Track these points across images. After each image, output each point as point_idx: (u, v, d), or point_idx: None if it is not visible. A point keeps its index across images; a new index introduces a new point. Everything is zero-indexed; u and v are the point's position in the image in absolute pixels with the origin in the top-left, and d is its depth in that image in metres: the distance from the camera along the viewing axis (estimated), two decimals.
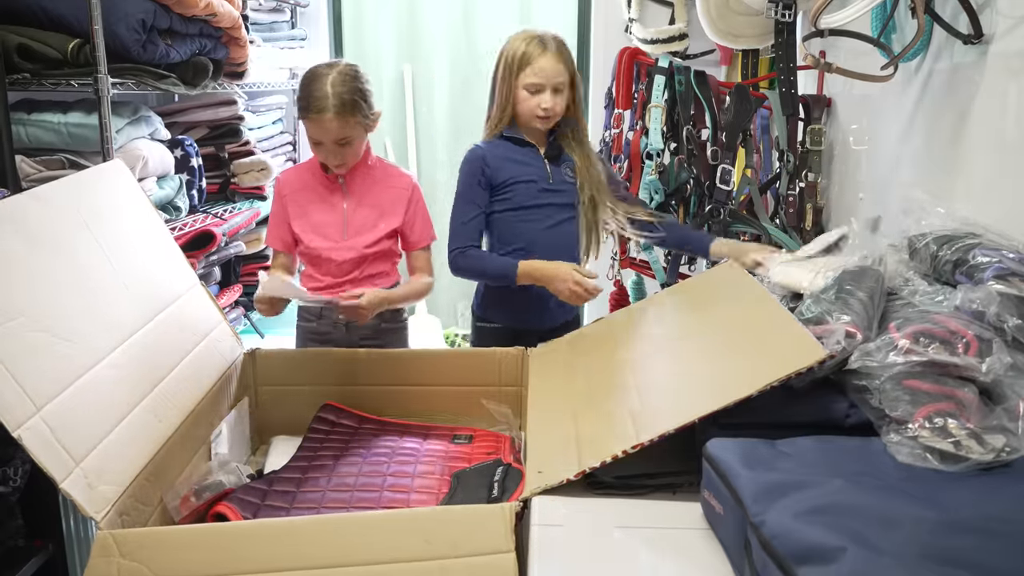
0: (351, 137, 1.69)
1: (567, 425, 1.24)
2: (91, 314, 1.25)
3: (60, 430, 1.08)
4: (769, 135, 2.15)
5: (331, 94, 1.63)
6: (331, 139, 1.67)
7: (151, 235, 1.55)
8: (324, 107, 1.63)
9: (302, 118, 1.70)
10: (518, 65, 1.73)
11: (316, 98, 1.64)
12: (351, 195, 1.78)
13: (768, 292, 1.30)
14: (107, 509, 1.09)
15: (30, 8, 1.79)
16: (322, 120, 1.64)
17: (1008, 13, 1.25)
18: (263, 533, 1.06)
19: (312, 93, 1.65)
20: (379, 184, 1.80)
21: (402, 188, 1.81)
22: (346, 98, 1.64)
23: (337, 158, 1.72)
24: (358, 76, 1.69)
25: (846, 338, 1.05)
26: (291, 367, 1.65)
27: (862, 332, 1.05)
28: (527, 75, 1.72)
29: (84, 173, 1.47)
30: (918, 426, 0.93)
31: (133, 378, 1.29)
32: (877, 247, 1.27)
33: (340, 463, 1.44)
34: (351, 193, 1.78)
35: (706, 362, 1.23)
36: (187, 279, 1.59)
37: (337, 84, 1.64)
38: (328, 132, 1.66)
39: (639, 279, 2.40)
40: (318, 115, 1.64)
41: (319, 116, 1.64)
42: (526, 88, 1.73)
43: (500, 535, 1.00)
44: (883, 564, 0.72)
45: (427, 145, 3.55)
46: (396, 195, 1.80)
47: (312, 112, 1.65)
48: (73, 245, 1.29)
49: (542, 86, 1.72)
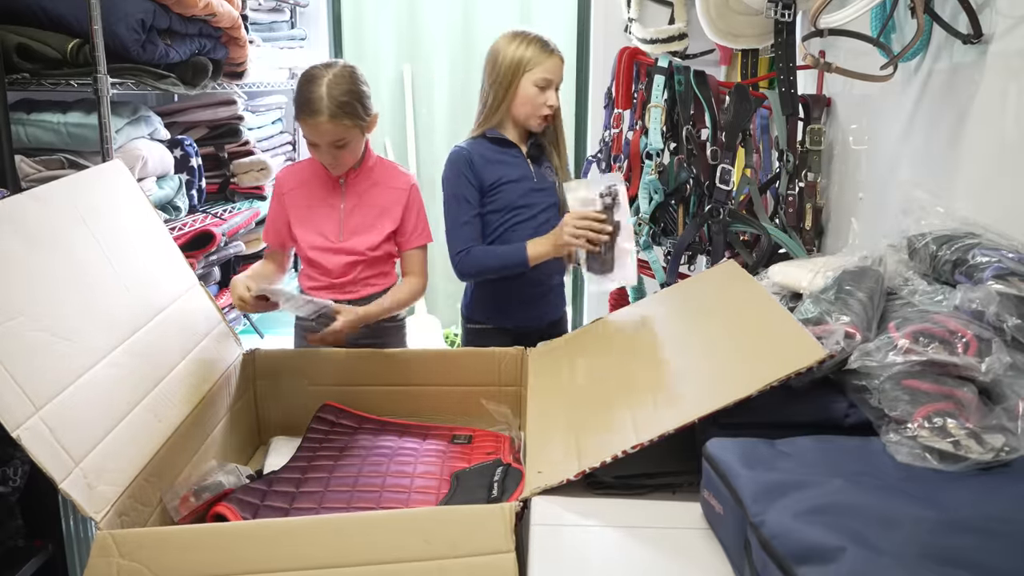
0: (347, 140, 1.67)
1: (567, 425, 1.24)
2: (90, 314, 1.25)
3: (59, 430, 1.08)
4: (769, 135, 2.15)
5: (326, 96, 1.61)
6: (326, 141, 1.66)
7: (151, 235, 1.55)
8: (319, 109, 1.61)
9: (298, 120, 1.68)
10: (527, 65, 1.76)
11: (311, 100, 1.62)
12: (349, 196, 1.77)
13: (768, 292, 1.30)
14: (107, 509, 1.09)
15: (30, 8, 1.79)
16: (317, 123, 1.62)
17: (1008, 13, 1.25)
18: (262, 533, 1.06)
19: (307, 95, 1.62)
20: (379, 185, 1.79)
21: (401, 189, 1.79)
22: (341, 100, 1.62)
23: (333, 160, 1.70)
24: (355, 77, 1.67)
25: (845, 339, 1.05)
26: (291, 367, 1.65)
27: (861, 333, 1.05)
28: (538, 72, 1.75)
29: (83, 173, 1.47)
30: (917, 426, 0.93)
31: (133, 378, 1.29)
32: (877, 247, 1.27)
33: (340, 463, 1.44)
34: (349, 194, 1.77)
35: (706, 362, 1.23)
36: (186, 279, 1.59)
37: (332, 86, 1.62)
38: (323, 135, 1.64)
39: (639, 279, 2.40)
40: (312, 117, 1.62)
41: (314, 119, 1.62)
42: (536, 84, 1.75)
43: (500, 535, 1.00)
44: (883, 564, 0.72)
45: (427, 145, 3.55)
46: (395, 196, 1.78)
47: (307, 114, 1.63)
48: (72, 245, 1.29)
49: (551, 82, 1.76)
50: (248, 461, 1.59)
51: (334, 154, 1.68)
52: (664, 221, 2.21)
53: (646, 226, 2.20)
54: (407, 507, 1.31)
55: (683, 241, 2.12)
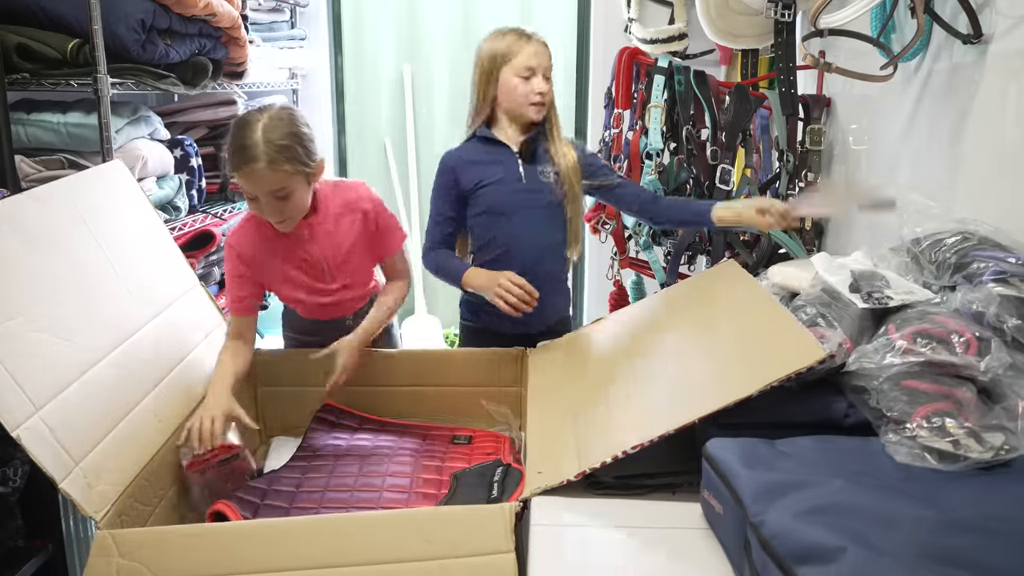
0: (289, 189, 1.47)
1: (567, 425, 1.24)
2: (90, 314, 1.25)
3: (59, 430, 1.08)
4: (769, 135, 2.15)
5: (262, 141, 1.42)
6: (265, 191, 1.46)
7: (151, 236, 1.55)
8: (254, 156, 1.42)
9: (234, 171, 1.47)
10: (502, 57, 1.69)
11: (245, 147, 1.43)
12: (316, 239, 1.61)
13: (767, 291, 1.30)
14: (106, 509, 1.10)
15: (29, 8, 1.79)
16: (252, 170, 1.43)
17: (1007, 13, 1.25)
18: (262, 533, 1.06)
19: (241, 141, 1.44)
20: (343, 216, 1.63)
21: (364, 211, 1.65)
22: (280, 144, 1.44)
23: (276, 214, 1.50)
24: (294, 119, 1.49)
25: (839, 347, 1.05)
26: (291, 367, 1.65)
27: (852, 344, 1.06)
28: (518, 62, 1.68)
29: (83, 174, 1.47)
30: (916, 426, 0.93)
31: (133, 378, 1.29)
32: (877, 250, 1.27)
33: (340, 463, 1.44)
34: (315, 237, 1.61)
35: (706, 362, 1.23)
36: (187, 279, 1.59)
37: (269, 130, 1.44)
38: (260, 183, 1.45)
39: (639, 279, 2.40)
40: (248, 165, 1.43)
41: (249, 166, 1.43)
42: (518, 75, 1.69)
43: (500, 535, 1.00)
44: (883, 564, 0.72)
45: (426, 145, 3.54)
46: (359, 217, 1.65)
47: (242, 162, 1.44)
48: (72, 245, 1.30)
49: (534, 70, 1.68)
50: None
51: (276, 207, 1.48)
52: None
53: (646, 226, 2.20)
54: (407, 507, 1.31)
55: (683, 241, 2.13)
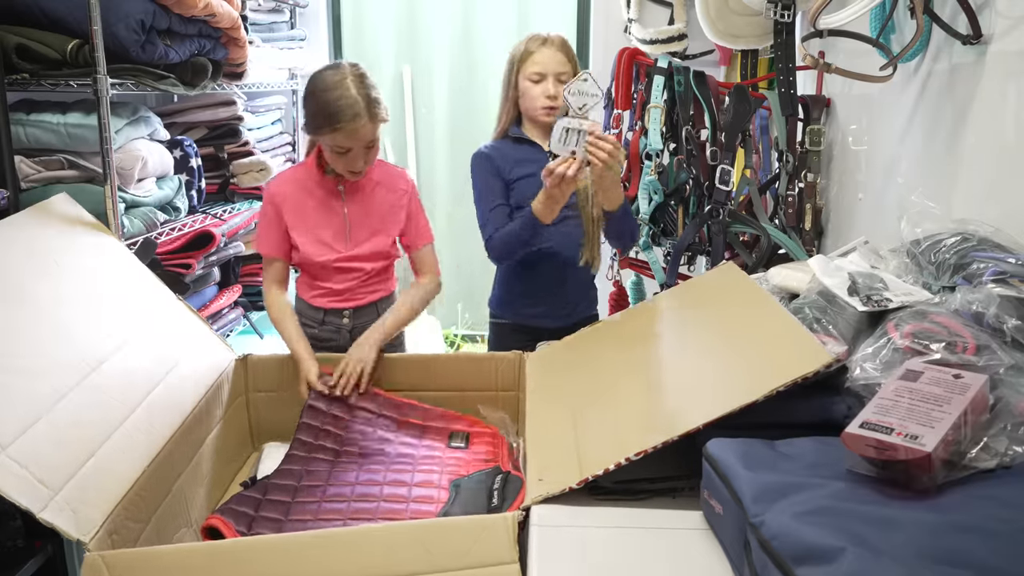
0: (378, 139, 1.63)
1: (567, 431, 1.22)
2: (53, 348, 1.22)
3: (32, 465, 1.05)
4: (768, 135, 2.15)
5: (361, 97, 1.55)
6: (362, 144, 1.60)
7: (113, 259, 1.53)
8: (359, 113, 1.54)
9: (326, 130, 1.57)
10: (519, 60, 1.77)
11: (345, 106, 1.53)
12: (352, 201, 1.71)
13: (769, 294, 1.30)
14: (95, 531, 1.07)
15: (29, 8, 1.79)
16: (357, 127, 1.55)
17: (1007, 13, 1.25)
18: (257, 550, 1.03)
19: (336, 101, 1.54)
20: (381, 186, 1.75)
21: (403, 190, 1.76)
22: (374, 97, 1.57)
23: (363, 164, 1.64)
24: (366, 74, 1.61)
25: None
26: (283, 372, 1.63)
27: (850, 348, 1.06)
28: (528, 66, 1.75)
29: (29, 211, 1.46)
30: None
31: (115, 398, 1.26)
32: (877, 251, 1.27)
33: (335, 470, 1.42)
34: (352, 199, 1.71)
35: (709, 366, 1.22)
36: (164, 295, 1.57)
37: (360, 86, 1.56)
38: (362, 138, 1.58)
39: (638, 279, 2.40)
40: (353, 122, 1.54)
41: (354, 123, 1.54)
42: (529, 79, 1.75)
43: (503, 545, 0.99)
44: (882, 564, 0.72)
45: (426, 146, 3.55)
46: (398, 197, 1.75)
47: (344, 121, 1.54)
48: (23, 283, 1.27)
49: (543, 75, 1.74)
50: (241, 468, 1.58)
51: (366, 156, 1.63)
52: (664, 222, 2.21)
53: (646, 227, 2.20)
54: (406, 516, 1.29)
55: (683, 242, 2.12)
